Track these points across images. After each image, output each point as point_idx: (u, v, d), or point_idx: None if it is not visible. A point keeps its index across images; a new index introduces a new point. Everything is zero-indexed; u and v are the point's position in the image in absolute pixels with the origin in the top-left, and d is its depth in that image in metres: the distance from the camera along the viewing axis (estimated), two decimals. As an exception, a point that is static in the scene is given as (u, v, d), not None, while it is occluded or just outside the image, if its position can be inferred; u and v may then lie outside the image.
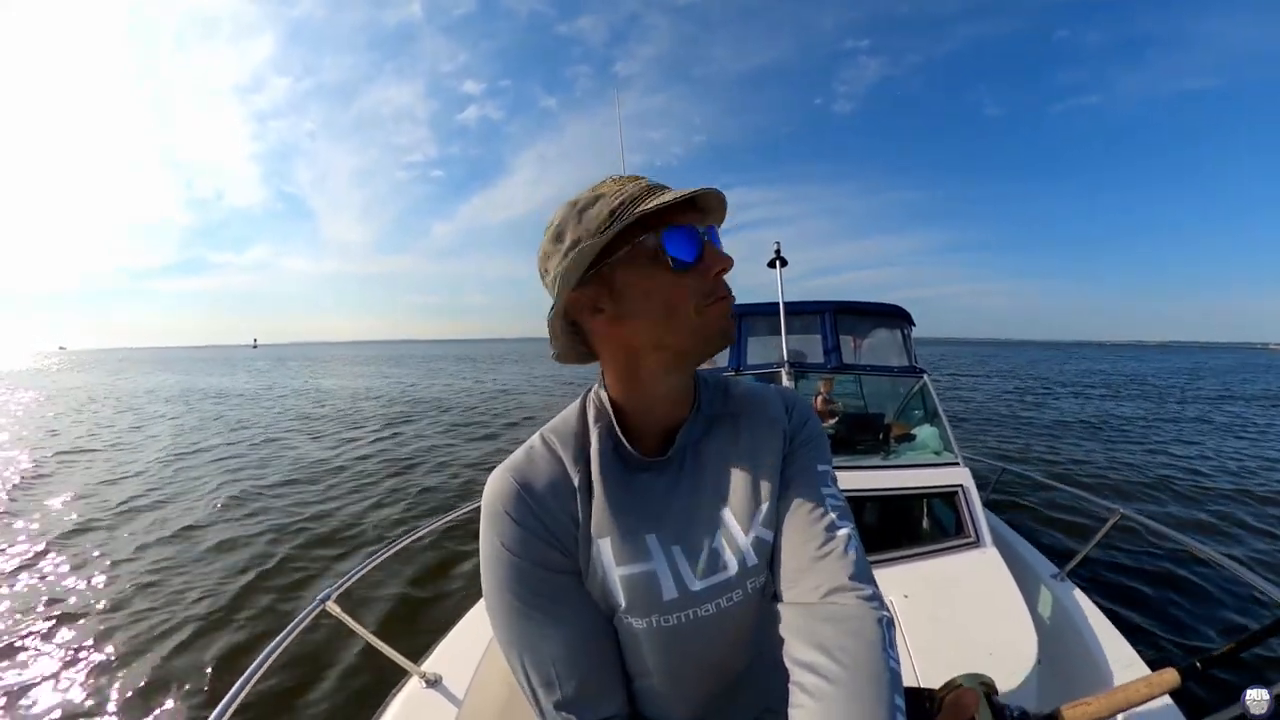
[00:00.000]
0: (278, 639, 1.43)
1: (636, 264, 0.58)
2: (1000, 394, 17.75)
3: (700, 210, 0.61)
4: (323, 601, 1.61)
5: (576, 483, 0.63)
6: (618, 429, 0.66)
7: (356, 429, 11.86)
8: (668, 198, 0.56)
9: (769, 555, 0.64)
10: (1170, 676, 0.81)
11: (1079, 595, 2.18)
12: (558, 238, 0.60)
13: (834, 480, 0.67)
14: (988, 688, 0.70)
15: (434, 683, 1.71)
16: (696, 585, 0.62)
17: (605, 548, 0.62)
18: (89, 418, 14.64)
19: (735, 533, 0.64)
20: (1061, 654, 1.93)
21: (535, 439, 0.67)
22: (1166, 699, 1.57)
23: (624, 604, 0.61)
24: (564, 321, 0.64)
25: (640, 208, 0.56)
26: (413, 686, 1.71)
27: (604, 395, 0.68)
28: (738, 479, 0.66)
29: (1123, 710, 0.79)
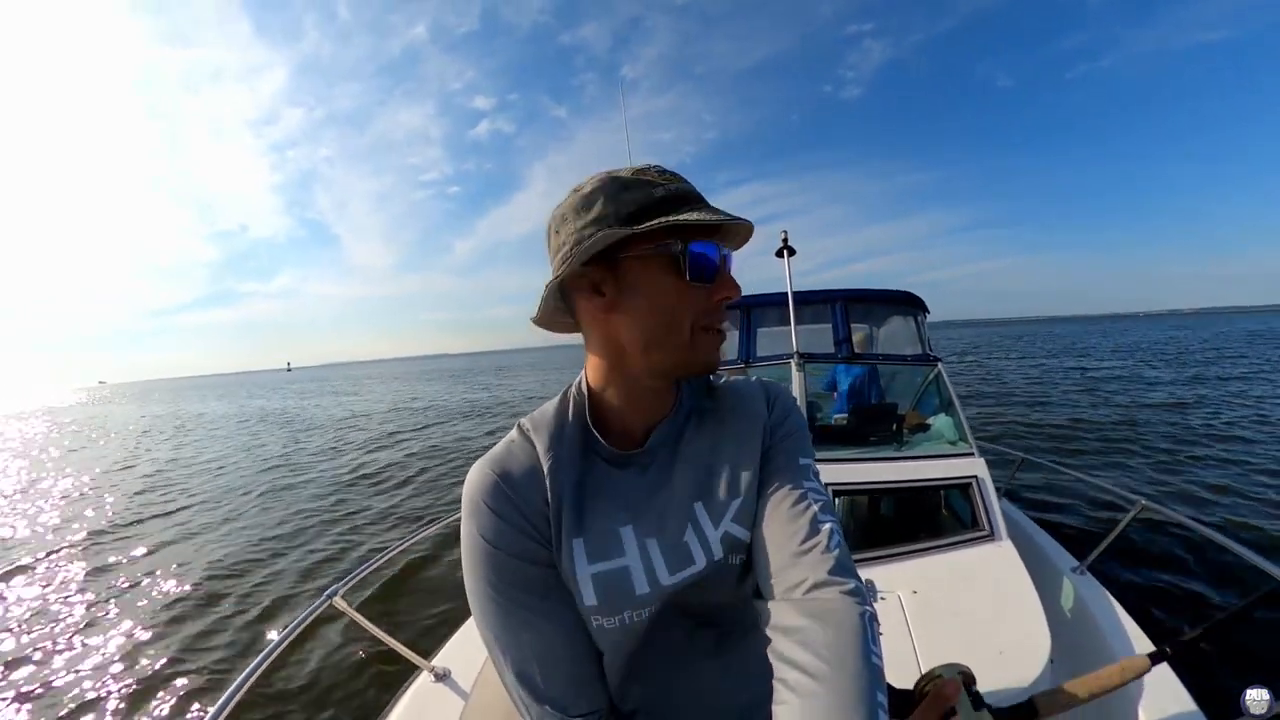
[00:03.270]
0: (284, 633, 1.47)
1: (654, 264, 0.58)
2: (1027, 378, 17.31)
3: (723, 233, 0.61)
4: (330, 597, 1.64)
5: (548, 474, 0.63)
6: (591, 424, 0.66)
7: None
8: (712, 217, 0.55)
9: (741, 550, 0.64)
10: (1140, 662, 0.80)
11: (1100, 589, 2.12)
12: (585, 205, 0.59)
13: (816, 474, 0.66)
14: (966, 677, 0.70)
15: (443, 677, 1.73)
16: (667, 579, 0.62)
17: (580, 546, 0.62)
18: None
19: (705, 526, 0.64)
20: (1080, 650, 1.88)
21: (514, 431, 0.68)
22: (1183, 694, 1.53)
23: (596, 602, 0.61)
24: (557, 288, 0.63)
25: (691, 214, 0.56)
26: (422, 680, 1.73)
27: (585, 387, 0.68)
28: (712, 473, 0.66)
29: (1096, 696, 0.78)
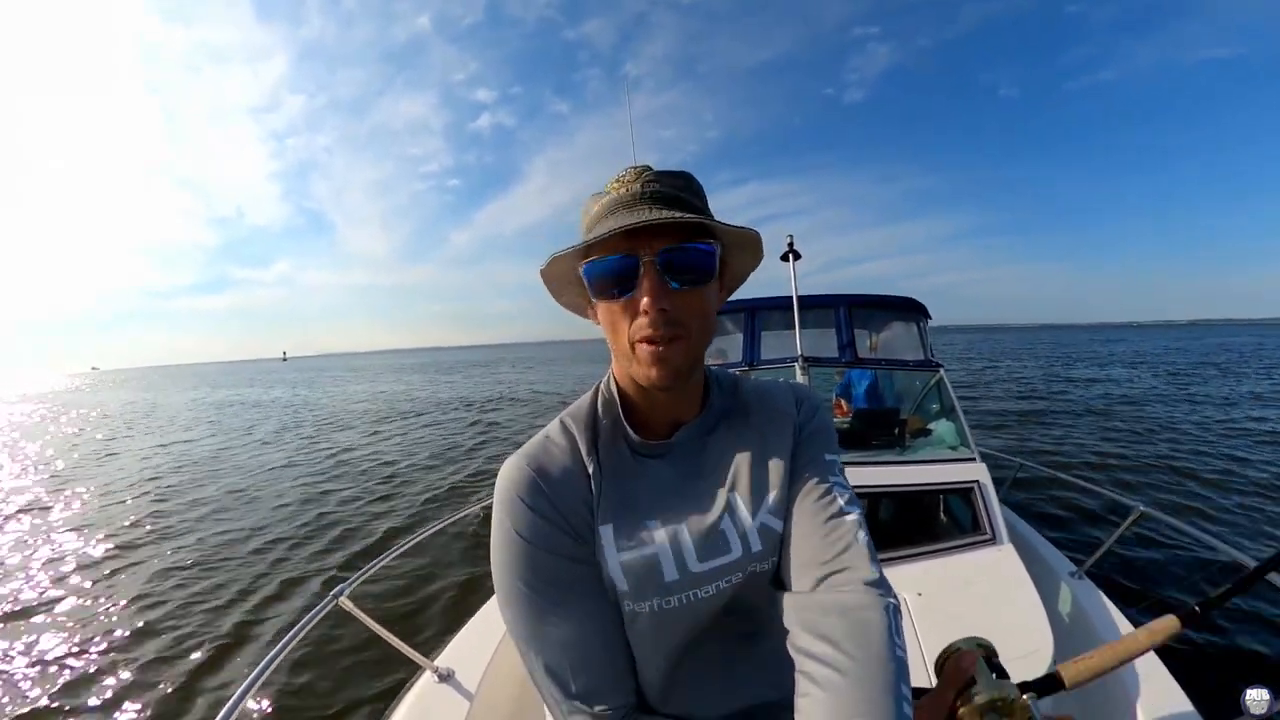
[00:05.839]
0: (290, 633, 1.47)
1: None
2: (1027, 385, 17.32)
3: (656, 236, 0.56)
4: (336, 597, 1.64)
5: (590, 469, 0.64)
6: (623, 419, 0.67)
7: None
8: (596, 233, 0.56)
9: (775, 542, 0.64)
10: (1170, 623, 0.80)
11: (1097, 593, 2.13)
12: (583, 215, 0.62)
13: (841, 470, 0.67)
14: (986, 650, 0.70)
15: (446, 677, 1.73)
16: (698, 567, 0.63)
17: (608, 533, 0.63)
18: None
19: (742, 516, 0.65)
20: (1079, 653, 1.89)
21: (553, 425, 0.69)
22: (1183, 698, 1.54)
23: (626, 588, 0.61)
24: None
25: (590, 235, 0.57)
26: (426, 681, 1.73)
27: (614, 384, 0.69)
28: (746, 466, 0.67)
29: (1124, 661, 0.79)
